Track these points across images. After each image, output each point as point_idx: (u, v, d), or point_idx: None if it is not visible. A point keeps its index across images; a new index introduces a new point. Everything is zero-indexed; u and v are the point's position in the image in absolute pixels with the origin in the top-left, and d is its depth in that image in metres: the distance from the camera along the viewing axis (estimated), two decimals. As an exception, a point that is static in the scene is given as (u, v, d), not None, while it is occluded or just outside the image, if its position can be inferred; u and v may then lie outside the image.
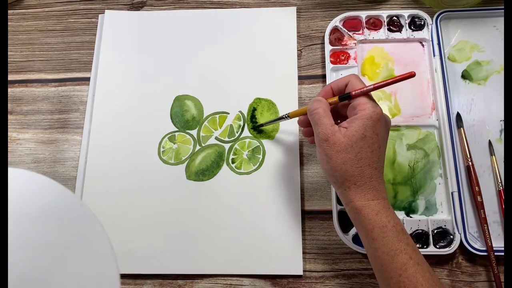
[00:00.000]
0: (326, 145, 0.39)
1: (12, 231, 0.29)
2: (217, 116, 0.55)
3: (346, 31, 0.56)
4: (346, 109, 0.42)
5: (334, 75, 0.54)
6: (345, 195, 0.39)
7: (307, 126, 0.45)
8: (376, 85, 0.39)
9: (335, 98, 0.42)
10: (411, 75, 0.38)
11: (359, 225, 0.39)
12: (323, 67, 0.56)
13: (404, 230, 0.38)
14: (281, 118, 0.49)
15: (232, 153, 0.53)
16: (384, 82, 0.40)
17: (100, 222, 0.31)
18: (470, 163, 0.49)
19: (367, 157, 0.38)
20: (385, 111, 0.53)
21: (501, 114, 0.52)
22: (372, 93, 0.54)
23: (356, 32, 0.56)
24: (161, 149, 0.53)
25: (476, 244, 0.47)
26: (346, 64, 0.55)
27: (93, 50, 0.59)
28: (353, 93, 0.40)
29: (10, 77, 0.58)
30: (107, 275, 0.30)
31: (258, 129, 0.53)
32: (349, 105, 0.41)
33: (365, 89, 0.40)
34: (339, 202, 0.49)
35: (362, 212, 0.38)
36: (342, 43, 0.56)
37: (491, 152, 0.50)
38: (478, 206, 0.48)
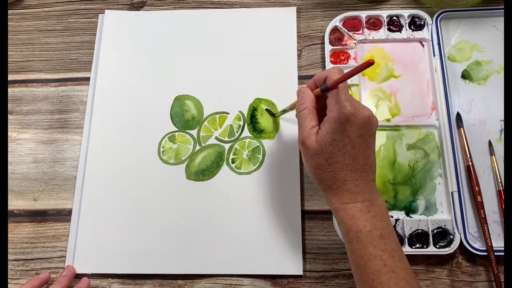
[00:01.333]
0: (302, 148, 0.40)
1: None
2: (217, 116, 0.55)
3: (346, 31, 0.56)
4: None
5: (334, 75, 0.54)
6: (325, 196, 0.40)
7: None
8: (342, 77, 0.38)
9: (319, 90, 0.41)
10: (370, 63, 0.35)
11: (338, 225, 0.40)
12: (323, 67, 0.56)
13: (382, 235, 0.37)
14: (285, 110, 0.50)
15: (232, 153, 0.53)
16: (349, 72, 0.37)
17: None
18: (470, 163, 0.49)
19: (338, 160, 0.38)
20: (385, 111, 0.53)
21: (501, 114, 0.52)
22: (372, 92, 0.55)
23: (356, 32, 0.56)
24: (161, 149, 0.53)
25: (476, 244, 0.47)
26: (346, 64, 0.55)
27: (93, 50, 0.59)
28: (329, 85, 0.39)
29: (10, 77, 0.58)
30: None
31: (273, 115, 0.54)
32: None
33: (336, 80, 0.38)
34: (339, 202, 0.49)
35: (338, 214, 0.39)
36: (342, 43, 0.56)
37: (491, 152, 0.50)
38: (478, 206, 0.48)
